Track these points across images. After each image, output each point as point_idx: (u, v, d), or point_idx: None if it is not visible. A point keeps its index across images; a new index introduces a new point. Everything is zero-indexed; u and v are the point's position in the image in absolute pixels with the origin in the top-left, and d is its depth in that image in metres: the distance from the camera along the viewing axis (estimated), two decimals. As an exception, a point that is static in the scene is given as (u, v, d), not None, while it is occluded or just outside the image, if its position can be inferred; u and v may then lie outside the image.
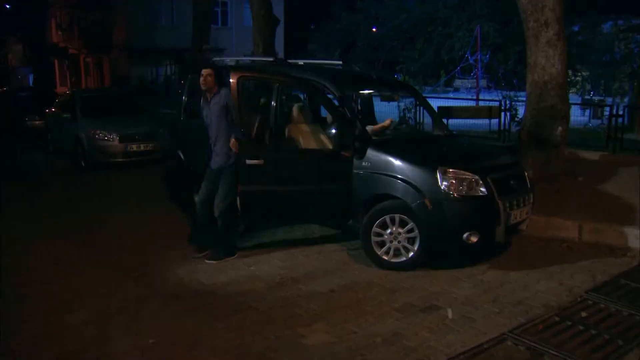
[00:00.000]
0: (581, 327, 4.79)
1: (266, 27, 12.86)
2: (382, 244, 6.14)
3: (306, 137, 7.05)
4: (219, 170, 6.43)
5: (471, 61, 26.57)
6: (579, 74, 40.41)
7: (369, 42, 42.19)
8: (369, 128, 6.94)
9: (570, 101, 9.77)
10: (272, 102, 6.83)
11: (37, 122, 18.49)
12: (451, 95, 27.51)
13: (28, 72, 50.77)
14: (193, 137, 8.05)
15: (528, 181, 6.63)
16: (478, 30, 25.70)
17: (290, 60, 8.51)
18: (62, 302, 5.34)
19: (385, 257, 6.12)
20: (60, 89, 36.75)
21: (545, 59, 9.21)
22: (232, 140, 6.26)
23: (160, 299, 5.46)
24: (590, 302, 5.31)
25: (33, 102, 20.13)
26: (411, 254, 6.04)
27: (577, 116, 18.31)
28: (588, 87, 34.84)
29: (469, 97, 24.07)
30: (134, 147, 12.38)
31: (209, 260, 6.40)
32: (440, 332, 4.74)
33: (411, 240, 6.02)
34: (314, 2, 42.90)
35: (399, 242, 6.07)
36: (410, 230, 6.01)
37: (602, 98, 18.18)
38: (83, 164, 12.48)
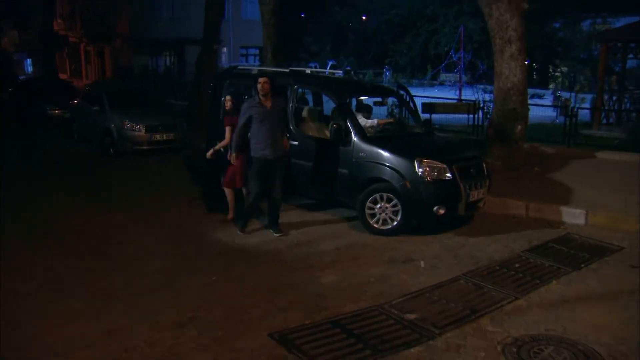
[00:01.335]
0: (513, 273, 6.82)
1: (275, 35, 14.78)
2: (373, 215, 8.15)
3: (314, 131, 9.08)
4: (274, 161, 7.85)
5: (455, 59, 28.56)
6: (559, 69, 42.50)
7: (360, 35, 43.96)
8: (375, 121, 8.97)
9: (542, 100, 11.78)
10: (291, 104, 8.92)
11: (56, 112, 20.27)
12: (436, 90, 29.54)
13: (23, 58, 51.62)
14: None
15: (485, 170, 8.64)
16: (462, 29, 27.64)
17: (296, 69, 10.47)
18: (139, 258, 7.25)
19: (375, 225, 8.14)
20: (61, 77, 38.07)
21: (508, 69, 11.22)
22: (285, 139, 8.11)
23: (209, 254, 7.41)
24: (523, 258, 7.34)
25: (51, 92, 21.81)
26: (395, 222, 8.06)
27: (550, 112, 20.35)
28: (566, 82, 36.88)
29: (451, 94, 26.07)
30: (158, 136, 14.25)
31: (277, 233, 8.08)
32: (414, 275, 6.74)
33: (395, 213, 8.04)
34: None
35: (386, 214, 8.09)
36: (395, 205, 8.02)
37: (568, 96, 20.05)
38: (112, 151, 14.30)
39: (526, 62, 11.33)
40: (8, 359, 4.61)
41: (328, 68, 37.08)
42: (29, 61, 52.28)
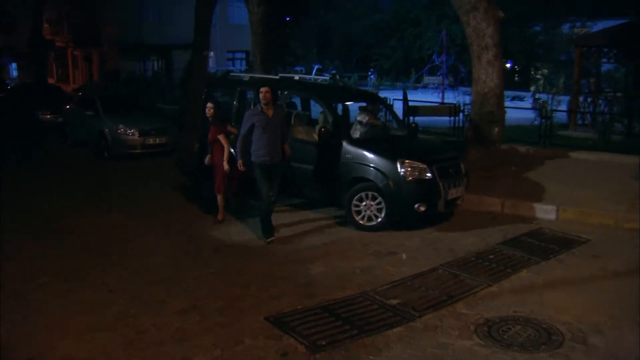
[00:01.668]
0: (487, 263, 7.44)
1: (263, 42, 15.36)
2: (359, 213, 8.74)
3: (303, 135, 9.65)
4: (275, 165, 8.26)
5: (437, 62, 29.28)
6: (540, 72, 43.33)
7: (345, 39, 44.60)
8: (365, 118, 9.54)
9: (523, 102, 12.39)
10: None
11: (48, 116, 20.72)
12: (420, 92, 30.22)
13: (7, 62, 51.53)
14: None
15: (463, 169, 9.26)
16: (444, 33, 28.36)
17: (286, 75, 11.05)
18: (140, 254, 7.78)
19: (361, 222, 8.73)
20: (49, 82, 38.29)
21: (485, 74, 11.84)
22: (287, 145, 8.53)
23: (206, 251, 7.95)
24: (497, 250, 7.96)
25: (41, 97, 22.25)
26: (379, 219, 8.65)
27: (530, 113, 21.03)
28: (547, 86, 37.61)
29: (435, 97, 26.76)
30: (150, 140, 14.75)
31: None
32: (397, 266, 7.33)
33: (379, 210, 8.63)
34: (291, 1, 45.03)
35: (371, 211, 8.68)
36: (379, 203, 8.61)
37: (546, 98, 20.71)
38: (106, 155, 14.78)
39: (508, 65, 11.96)
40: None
41: (314, 72, 37.82)
42: (14, 65, 52.24)
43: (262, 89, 8.14)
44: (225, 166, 8.87)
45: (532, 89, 39.16)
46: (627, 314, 5.95)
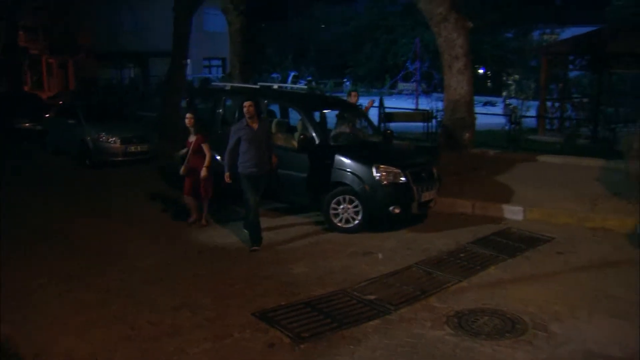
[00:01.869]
0: (458, 261, 7.94)
1: (242, 52, 15.78)
2: (337, 215, 9.20)
3: (282, 141, 10.09)
4: (262, 176, 8.51)
5: (411, 69, 29.94)
6: (511, 77, 44.32)
7: (320, 46, 45.16)
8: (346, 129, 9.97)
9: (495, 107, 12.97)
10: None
11: (26, 125, 20.83)
12: (394, 99, 30.83)
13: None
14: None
15: (435, 173, 9.77)
16: (417, 41, 29.03)
17: (265, 84, 11.49)
18: (131, 257, 8.12)
19: (339, 224, 9.19)
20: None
21: (456, 82, 12.43)
22: (274, 155, 8.86)
23: (193, 253, 8.34)
24: (468, 249, 8.47)
25: (20, 106, 22.31)
26: (356, 221, 9.12)
27: (502, 118, 21.70)
28: (519, 92, 38.46)
29: (409, 103, 27.41)
30: (132, 148, 15.04)
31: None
32: (373, 265, 7.79)
33: (356, 212, 9.10)
34: (267, 8, 45.44)
35: (348, 214, 9.15)
36: (356, 206, 9.08)
37: (516, 104, 21.35)
38: (88, 163, 15.03)
39: (481, 71, 12.55)
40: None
41: (290, 78, 38.34)
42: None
43: (246, 104, 8.33)
44: (204, 172, 9.27)
45: (504, 94, 40.10)
46: (584, 304, 6.50)
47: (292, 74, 38.94)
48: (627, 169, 10.37)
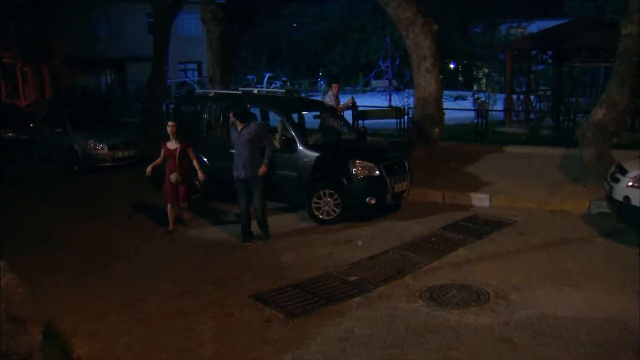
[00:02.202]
0: (430, 245, 8.81)
1: (222, 58, 16.51)
2: (318, 209, 10.02)
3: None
4: (247, 180, 8.97)
5: (383, 67, 30.83)
6: (481, 71, 45.41)
7: (294, 46, 45.87)
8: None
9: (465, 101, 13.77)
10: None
11: (10, 135, 21.30)
12: (368, 96, 31.73)
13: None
14: (212, 148, 11.35)
15: (407, 166, 10.63)
16: (388, 40, 29.92)
17: (246, 89, 12.26)
18: (131, 254, 8.84)
19: (321, 216, 10.01)
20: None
21: (425, 81, 13.28)
22: (264, 165, 9.02)
23: (188, 248, 9.09)
24: (439, 234, 9.35)
25: (2, 116, 22.70)
26: (336, 213, 9.95)
27: (472, 112, 22.65)
28: (490, 85, 39.54)
29: (382, 100, 28.33)
30: (119, 153, 15.69)
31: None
32: (354, 251, 8.62)
33: (336, 205, 9.93)
34: (240, 11, 45.99)
35: (329, 206, 9.97)
36: (336, 199, 9.91)
37: (484, 98, 22.32)
38: (76, 169, 15.64)
39: (452, 66, 13.42)
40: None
41: (265, 80, 39.04)
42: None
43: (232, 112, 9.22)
44: (201, 175, 9.88)
45: (475, 88, 41.19)
46: (540, 276, 7.41)
47: (267, 75, 39.63)
48: (581, 156, 11.30)
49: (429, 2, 35.37)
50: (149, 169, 9.93)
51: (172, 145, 9.74)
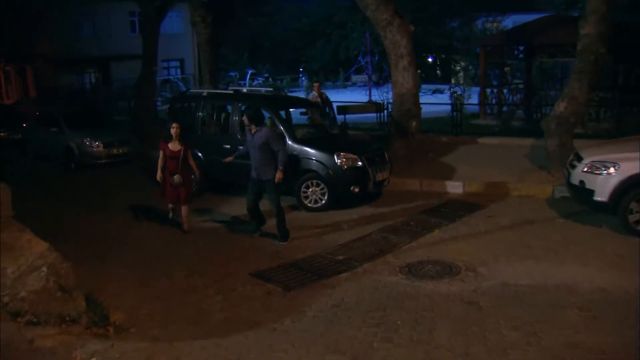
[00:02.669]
0: (409, 227, 9.79)
1: (211, 59, 17.36)
2: (307, 197, 10.96)
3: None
4: (260, 182, 9.21)
5: (363, 63, 31.79)
6: (459, 64, 46.51)
7: (274, 43, 46.63)
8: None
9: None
10: (236, 117, 11.56)
11: (2, 134, 21.89)
12: (349, 91, 32.69)
13: None
14: (206, 144, 12.12)
15: (387, 157, 11.61)
16: (367, 36, 30.89)
17: (237, 89, 13.14)
18: (138, 242, 9.69)
19: (309, 204, 10.95)
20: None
21: (402, 78, 14.22)
22: (279, 172, 9.04)
23: (190, 235, 9.94)
24: (417, 218, 10.33)
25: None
26: (324, 201, 10.90)
27: (449, 106, 23.71)
28: (467, 78, 40.62)
29: (362, 94, 29.30)
30: (114, 150, 16.46)
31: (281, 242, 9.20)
32: (340, 234, 9.57)
33: (323, 194, 10.87)
34: (221, 8, 46.53)
35: (316, 195, 10.91)
36: (322, 188, 10.86)
37: (460, 91, 23.30)
38: (73, 166, 16.38)
39: (430, 60, 14.37)
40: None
41: (247, 76, 39.80)
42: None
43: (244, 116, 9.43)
44: (179, 179, 9.81)
45: (453, 81, 42.30)
46: (506, 252, 8.42)
47: (250, 71, 40.36)
48: (546, 146, 12.34)
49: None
50: (159, 174, 9.97)
51: (174, 146, 9.83)
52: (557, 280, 7.36)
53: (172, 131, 9.81)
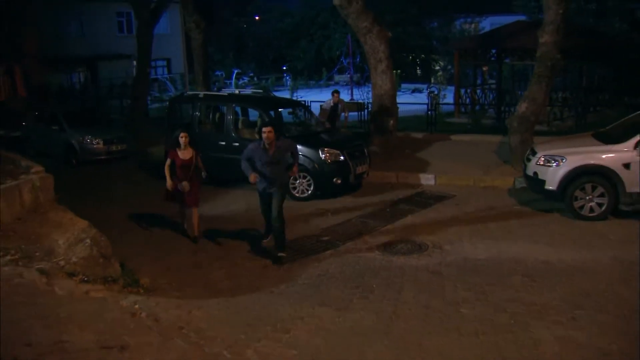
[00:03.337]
0: (385, 214, 11.12)
1: (204, 62, 18.60)
2: (294, 188, 12.24)
3: (248, 134, 13.03)
4: (272, 193, 8.88)
5: (345, 63, 33.10)
6: (438, 64, 48.00)
7: (259, 42, 47.77)
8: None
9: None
10: (230, 117, 12.82)
11: (1, 133, 22.88)
12: (331, 90, 33.94)
13: None
14: (203, 141, 12.80)
15: (366, 152, 12.94)
16: (349, 38, 32.19)
17: (230, 90, 14.40)
18: (145, 229, 10.91)
19: (297, 194, 12.24)
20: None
21: (381, 81, 15.54)
22: (295, 167, 9.33)
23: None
24: (392, 206, 11.66)
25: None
26: (309, 192, 12.20)
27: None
28: (444, 78, 42.08)
29: (345, 94, 30.58)
30: (113, 147, 17.60)
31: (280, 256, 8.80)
32: (325, 220, 10.87)
33: (309, 185, 12.17)
34: (206, 8, 47.53)
35: (303, 187, 12.21)
36: (308, 180, 12.15)
37: (436, 91, 24.64)
38: (74, 162, 17.50)
39: (410, 57, 15.63)
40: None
41: (233, 76, 40.91)
42: None
43: (265, 129, 8.70)
44: (187, 186, 9.71)
45: (432, 80, 43.77)
46: (468, 233, 9.80)
47: (235, 71, 41.47)
48: (509, 142, 13.74)
49: (389, 1, 38.06)
50: (169, 183, 9.80)
51: (185, 155, 9.72)
52: (509, 255, 8.73)
53: (182, 140, 9.67)
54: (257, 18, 48.57)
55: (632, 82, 23.50)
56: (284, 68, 44.87)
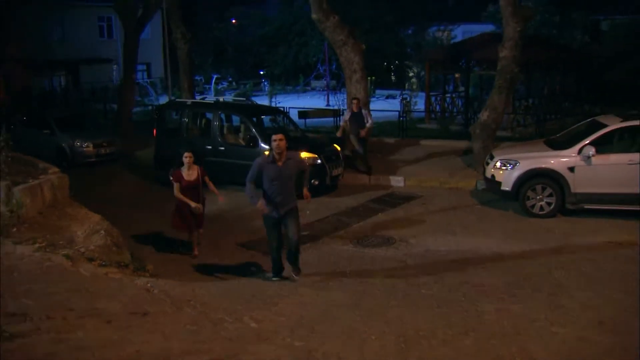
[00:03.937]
0: (358, 212, 12.33)
1: (189, 71, 19.68)
2: (277, 189, 13.34)
3: (233, 140, 14.15)
4: (283, 216, 8.07)
5: (321, 70, 34.32)
6: (412, 70, 49.42)
7: (238, 48, 48.78)
8: None
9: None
10: (217, 123, 13.92)
11: (-14, 135, 23.66)
12: (309, 96, 35.19)
13: None
14: (191, 145, 14.17)
15: (341, 156, 14.13)
16: (325, 46, 33.41)
17: (215, 98, 15.51)
18: (147, 223, 11.97)
19: (279, 195, 13.33)
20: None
21: (355, 90, 16.74)
22: (305, 189, 8.66)
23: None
24: (365, 205, 12.88)
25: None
26: (291, 192, 13.30)
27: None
28: (417, 84, 43.49)
29: (321, 99, 31.87)
30: (102, 150, 18.52)
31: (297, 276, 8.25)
32: (304, 217, 11.78)
33: (290, 186, 13.28)
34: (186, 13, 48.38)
35: (285, 187, 13.30)
36: (290, 181, 13.26)
37: (408, 98, 25.86)
38: (65, 165, 18.36)
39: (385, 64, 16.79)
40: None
41: (212, 81, 41.90)
42: None
43: (276, 137, 7.73)
44: (199, 207, 9.63)
45: (406, 86, 45.17)
46: (432, 229, 11.07)
47: (215, 76, 42.42)
48: (472, 147, 15.05)
49: (364, 7, 39.36)
50: (193, 204, 9.57)
51: (190, 175, 9.61)
52: (466, 247, 9.99)
53: (185, 160, 9.51)
54: (233, 22, 49.52)
55: (592, 91, 25.13)
56: (262, 73, 45.94)
